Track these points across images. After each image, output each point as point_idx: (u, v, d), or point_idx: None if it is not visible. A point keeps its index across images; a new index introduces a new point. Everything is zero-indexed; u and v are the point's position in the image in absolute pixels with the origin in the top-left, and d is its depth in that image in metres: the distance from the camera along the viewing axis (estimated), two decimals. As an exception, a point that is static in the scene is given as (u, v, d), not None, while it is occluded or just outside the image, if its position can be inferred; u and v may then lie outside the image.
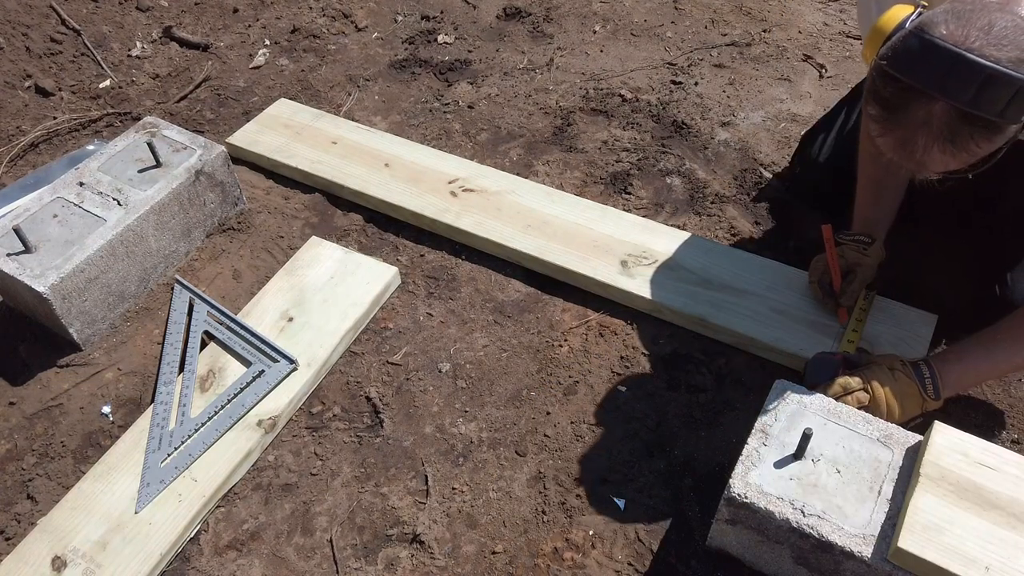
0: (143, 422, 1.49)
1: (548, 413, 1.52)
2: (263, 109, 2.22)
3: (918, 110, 1.04)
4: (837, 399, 1.30)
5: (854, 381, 1.33)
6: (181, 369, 1.58)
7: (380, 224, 1.93)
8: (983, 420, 1.48)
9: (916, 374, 1.32)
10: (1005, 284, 1.47)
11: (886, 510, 1.15)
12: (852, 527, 1.13)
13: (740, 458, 1.21)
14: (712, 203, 1.93)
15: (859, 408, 1.30)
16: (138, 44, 2.51)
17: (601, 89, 2.30)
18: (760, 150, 2.08)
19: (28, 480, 1.45)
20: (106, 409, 1.56)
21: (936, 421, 1.21)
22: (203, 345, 1.63)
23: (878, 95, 1.09)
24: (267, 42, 2.55)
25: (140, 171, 1.78)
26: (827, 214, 1.74)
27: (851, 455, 1.21)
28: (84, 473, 1.43)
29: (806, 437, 1.18)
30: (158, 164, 1.79)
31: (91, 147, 2.12)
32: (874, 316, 1.58)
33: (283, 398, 1.52)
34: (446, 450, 1.48)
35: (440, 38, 2.56)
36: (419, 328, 1.69)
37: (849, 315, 1.56)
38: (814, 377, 1.38)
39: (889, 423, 1.26)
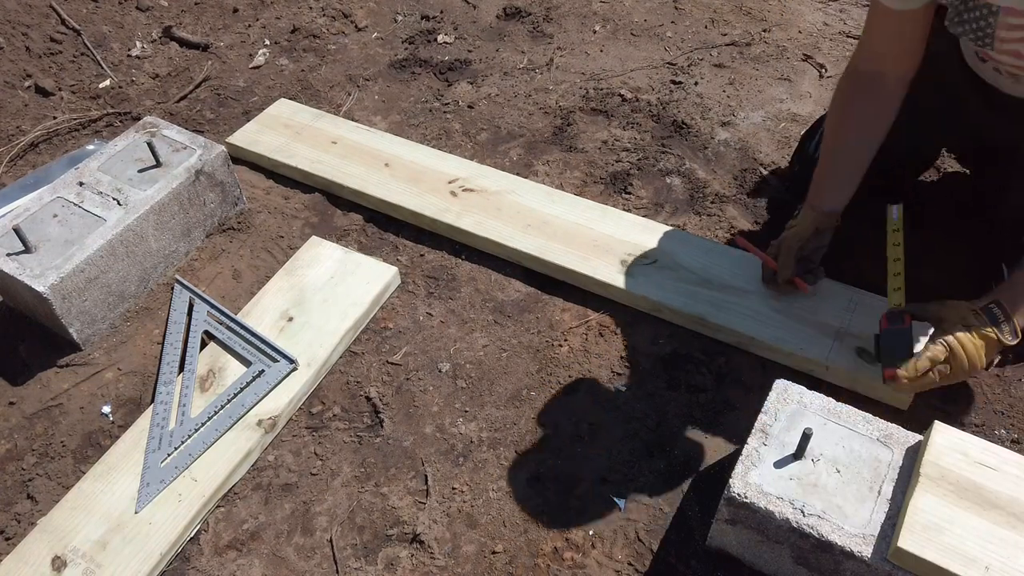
0: (143, 422, 1.49)
1: (548, 413, 1.52)
2: (263, 109, 2.22)
3: None
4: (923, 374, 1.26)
5: (939, 351, 1.27)
6: (181, 369, 1.58)
7: (380, 224, 1.93)
8: (983, 420, 1.48)
9: (990, 318, 1.28)
10: (1003, 279, 1.47)
11: (886, 510, 1.15)
12: (852, 527, 1.13)
13: (740, 458, 1.21)
14: (712, 203, 1.93)
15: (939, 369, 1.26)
16: (138, 44, 2.51)
17: (601, 89, 2.30)
18: (760, 150, 2.08)
19: (28, 480, 1.46)
20: (106, 409, 1.56)
21: (936, 421, 1.21)
22: (203, 345, 1.63)
23: None
24: (267, 42, 2.55)
25: (140, 171, 1.78)
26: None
27: (851, 455, 1.21)
28: (84, 473, 1.43)
29: (806, 437, 1.18)
30: (158, 164, 1.79)
31: (91, 147, 2.12)
32: (874, 316, 1.56)
33: (283, 398, 1.52)
34: (446, 450, 1.48)
35: (440, 38, 2.56)
36: (419, 328, 1.69)
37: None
38: (892, 356, 1.31)
39: (890, 424, 1.26)
